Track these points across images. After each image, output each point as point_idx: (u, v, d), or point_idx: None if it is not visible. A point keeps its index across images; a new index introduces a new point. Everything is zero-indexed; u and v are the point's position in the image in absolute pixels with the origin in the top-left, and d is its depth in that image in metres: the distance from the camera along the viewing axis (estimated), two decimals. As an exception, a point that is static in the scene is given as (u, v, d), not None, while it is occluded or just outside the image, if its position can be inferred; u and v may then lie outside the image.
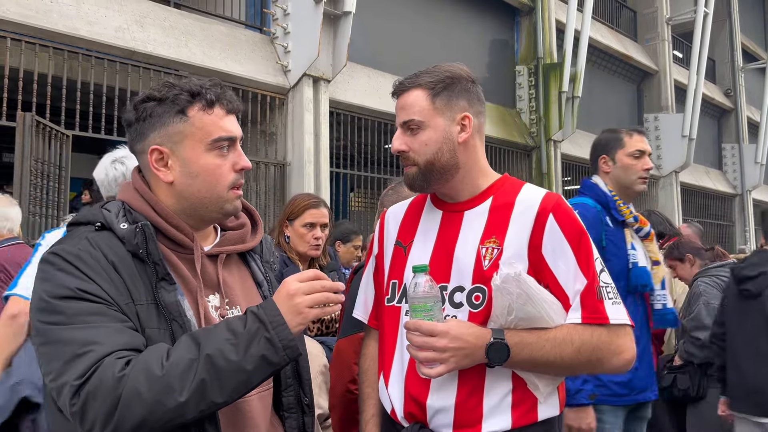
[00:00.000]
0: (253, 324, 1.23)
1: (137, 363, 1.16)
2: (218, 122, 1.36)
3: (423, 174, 1.57)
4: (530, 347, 1.43)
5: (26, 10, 5.38)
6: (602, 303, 1.47)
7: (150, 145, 1.36)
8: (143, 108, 1.36)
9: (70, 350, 1.17)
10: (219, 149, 1.36)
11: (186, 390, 1.16)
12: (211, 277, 1.40)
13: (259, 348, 1.21)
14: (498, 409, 1.47)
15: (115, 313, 1.22)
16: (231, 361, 1.19)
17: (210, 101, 1.36)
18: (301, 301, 1.26)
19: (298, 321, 1.26)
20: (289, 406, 1.48)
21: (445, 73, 1.58)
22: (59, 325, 1.19)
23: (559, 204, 1.53)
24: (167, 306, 1.27)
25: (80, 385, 1.14)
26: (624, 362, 1.49)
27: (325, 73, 7.52)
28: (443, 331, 1.39)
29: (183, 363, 1.17)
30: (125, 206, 1.36)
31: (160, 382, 1.15)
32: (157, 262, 1.29)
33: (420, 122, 1.56)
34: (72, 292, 1.21)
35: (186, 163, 1.35)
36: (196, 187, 1.36)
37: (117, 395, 1.13)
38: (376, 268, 1.77)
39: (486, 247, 1.51)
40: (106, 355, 1.16)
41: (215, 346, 1.19)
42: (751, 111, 18.66)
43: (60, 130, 5.54)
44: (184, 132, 1.34)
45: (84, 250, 1.27)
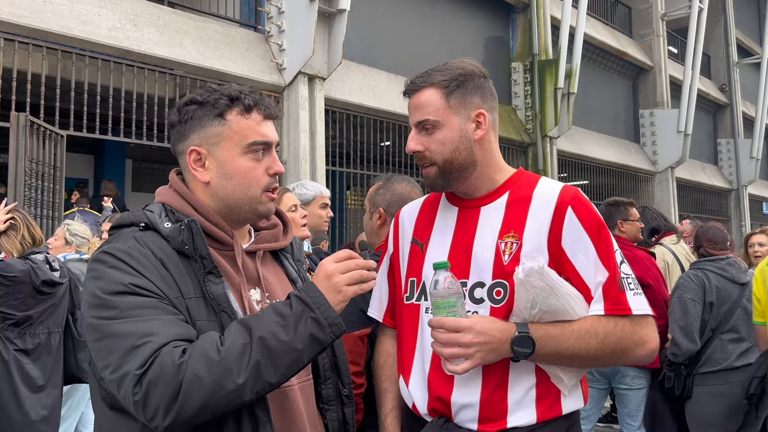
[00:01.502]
0: (299, 306, 1.28)
1: (194, 350, 1.21)
2: (255, 127, 1.42)
3: (442, 174, 1.56)
4: (555, 340, 1.43)
5: (19, 10, 5.36)
6: (624, 294, 1.47)
7: (189, 146, 1.42)
8: (186, 111, 1.43)
9: (127, 342, 1.21)
10: (254, 153, 1.41)
11: (243, 372, 1.20)
12: (251, 273, 1.46)
13: (307, 327, 1.26)
14: (522, 403, 1.47)
15: (166, 307, 1.27)
16: (282, 342, 1.24)
17: (248, 106, 1.41)
18: (339, 280, 1.33)
19: (339, 299, 1.32)
20: (328, 398, 1.53)
21: (458, 70, 1.57)
22: (114, 319, 1.24)
23: (577, 197, 1.53)
24: (216, 298, 1.32)
25: (142, 374, 1.18)
26: (648, 352, 1.49)
27: (320, 71, 7.51)
28: (468, 326, 1.39)
29: (238, 347, 1.22)
30: (166, 207, 1.42)
31: (218, 366, 1.19)
32: (205, 256, 1.34)
33: (435, 121, 1.54)
34: (126, 288, 1.26)
35: (222, 164, 1.41)
36: (231, 188, 1.41)
37: (178, 381, 1.17)
38: (390, 267, 1.77)
39: (505, 242, 1.50)
40: (163, 345, 1.20)
41: (266, 329, 1.24)
42: (746, 106, 18.70)
43: (54, 130, 5.52)
44: (221, 134, 1.41)
45: (134, 248, 1.32)
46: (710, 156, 17.73)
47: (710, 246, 3.71)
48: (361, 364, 1.97)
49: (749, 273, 3.57)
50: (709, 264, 3.61)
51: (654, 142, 14.36)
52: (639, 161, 13.97)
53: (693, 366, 3.50)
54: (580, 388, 1.55)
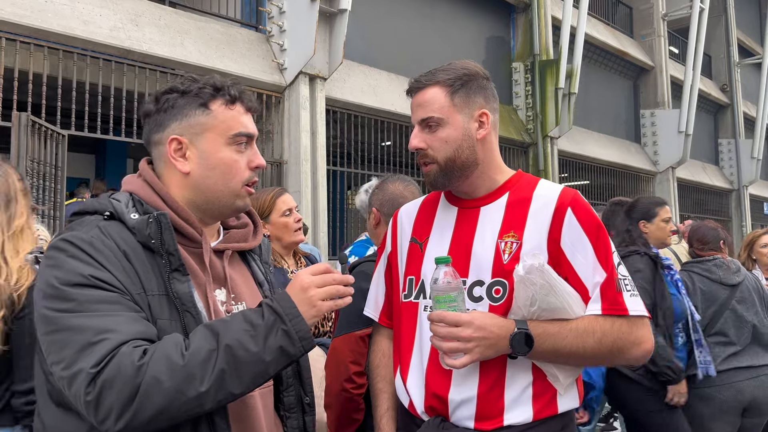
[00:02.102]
0: (270, 316, 1.23)
1: (156, 352, 1.15)
2: (239, 118, 1.39)
3: (444, 172, 1.57)
4: (553, 338, 1.44)
5: (21, 10, 5.37)
6: (621, 295, 1.49)
7: (170, 135, 1.36)
8: (165, 99, 1.38)
9: (83, 338, 1.14)
10: (237, 144, 1.38)
11: (207, 379, 1.15)
12: (218, 272, 1.41)
13: (276, 339, 1.21)
14: (519, 401, 1.48)
15: (128, 302, 1.21)
16: (250, 352, 1.19)
17: (233, 97, 1.38)
18: (315, 294, 1.28)
19: (312, 314, 1.27)
20: (290, 406, 1.48)
21: (462, 70, 1.58)
22: (71, 312, 1.17)
23: (577, 199, 1.54)
24: (181, 297, 1.27)
25: (97, 373, 1.12)
26: (644, 352, 1.51)
27: (321, 71, 7.51)
28: (468, 321, 1.40)
29: (203, 352, 1.17)
30: (134, 197, 1.35)
31: (181, 371, 1.14)
32: (172, 252, 1.28)
33: (440, 119, 1.55)
34: (85, 279, 1.19)
35: (205, 154, 1.36)
36: (213, 180, 1.37)
37: (136, 383, 1.12)
38: (388, 266, 1.77)
39: (505, 242, 1.52)
40: (122, 343, 1.14)
41: (234, 336, 1.19)
42: (747, 106, 18.69)
43: (56, 129, 5.53)
44: (206, 124, 1.36)
45: (96, 237, 1.25)
46: (711, 156, 17.72)
47: (699, 246, 3.67)
48: (363, 365, 1.98)
49: (741, 273, 3.54)
50: (696, 266, 3.57)
51: (655, 142, 14.36)
52: (640, 161, 13.97)
53: None
54: (575, 388, 1.56)
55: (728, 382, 3.29)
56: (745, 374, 3.32)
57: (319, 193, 7.47)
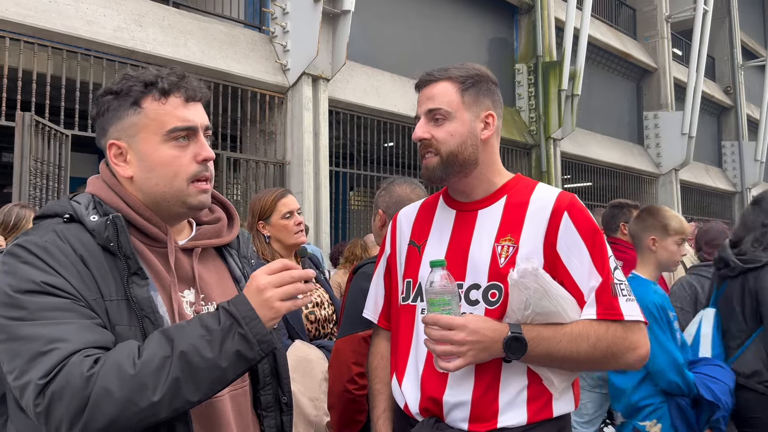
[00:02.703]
0: (227, 320, 1.18)
1: (107, 361, 1.11)
2: (173, 112, 1.30)
3: (444, 165, 1.57)
4: (547, 342, 1.44)
5: (25, 10, 5.38)
6: (617, 300, 1.48)
7: (108, 140, 1.32)
8: (102, 102, 1.33)
9: (33, 347, 1.11)
10: (175, 140, 1.30)
11: (160, 388, 1.11)
12: (185, 272, 1.35)
13: (233, 344, 1.17)
14: (513, 404, 1.48)
15: (82, 309, 1.17)
16: (206, 358, 1.15)
17: (163, 90, 1.29)
18: (272, 295, 1.22)
19: (270, 315, 1.21)
20: (267, 405, 1.44)
21: (474, 70, 1.60)
22: (22, 320, 1.13)
23: (574, 203, 1.54)
24: (139, 302, 1.22)
25: (45, 385, 1.09)
26: (638, 357, 1.51)
27: (324, 72, 7.52)
28: (461, 324, 1.40)
29: (156, 361, 1.12)
30: (95, 199, 1.31)
31: (132, 380, 1.10)
32: (129, 255, 1.23)
33: (447, 112, 1.56)
34: (37, 286, 1.15)
35: (142, 156, 1.30)
36: (154, 181, 1.30)
37: (86, 395, 1.08)
38: (387, 269, 1.78)
39: (501, 245, 1.52)
40: (73, 353, 1.11)
41: (189, 342, 1.15)
42: (751, 108, 18.66)
43: (59, 129, 5.54)
44: (138, 124, 1.29)
45: (51, 242, 1.21)
46: (714, 158, 17.70)
47: (709, 248, 3.65)
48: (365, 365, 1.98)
49: None
50: (705, 269, 3.54)
51: (658, 144, 14.34)
52: (643, 163, 13.95)
53: None
54: (571, 392, 1.56)
55: None
56: None
57: (322, 194, 7.48)
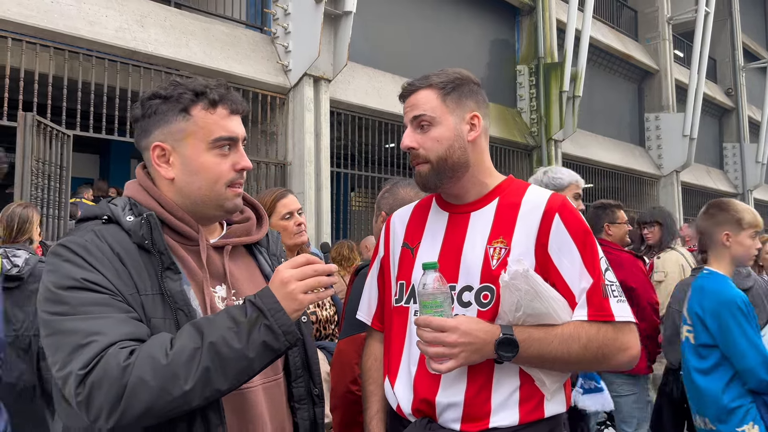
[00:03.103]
0: (253, 312, 1.25)
1: (141, 352, 1.19)
2: (220, 122, 1.39)
3: (436, 171, 1.58)
4: (538, 343, 1.45)
5: (27, 10, 5.39)
6: (608, 301, 1.49)
7: (153, 142, 1.39)
8: (149, 105, 1.40)
9: (74, 340, 1.19)
10: (219, 148, 1.39)
11: (191, 378, 1.18)
12: (217, 269, 1.43)
13: (260, 335, 1.23)
14: (506, 405, 1.49)
15: (119, 304, 1.25)
16: (234, 349, 1.21)
17: (213, 101, 1.38)
18: (295, 288, 1.28)
19: (294, 307, 1.28)
20: (300, 398, 1.51)
21: (454, 74, 1.62)
22: (64, 315, 1.22)
23: (565, 204, 1.55)
24: (173, 295, 1.30)
25: (85, 375, 1.17)
26: (629, 358, 1.51)
27: (325, 73, 7.52)
28: (453, 326, 1.41)
29: (187, 351, 1.20)
30: (131, 201, 1.40)
31: (165, 370, 1.17)
32: (162, 251, 1.31)
33: (432, 118, 1.57)
34: (77, 283, 1.24)
35: (187, 160, 1.38)
36: (196, 185, 1.39)
37: (123, 384, 1.16)
38: (381, 271, 1.79)
39: (494, 247, 1.53)
40: (110, 345, 1.19)
41: (218, 334, 1.22)
42: (752, 110, 18.65)
43: (61, 129, 5.54)
44: (186, 130, 1.38)
45: (90, 241, 1.29)
46: (716, 160, 17.69)
47: None
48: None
49: (752, 278, 3.54)
50: None
51: (659, 145, 14.34)
52: (644, 165, 13.95)
53: None
54: (563, 393, 1.57)
55: None
56: None
57: (323, 195, 7.48)
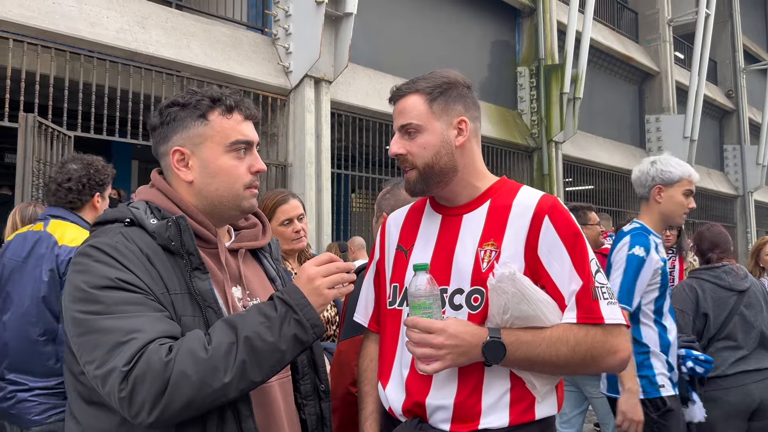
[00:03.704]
0: (282, 307, 1.33)
1: (181, 348, 1.24)
2: (236, 126, 1.46)
3: (422, 177, 1.60)
4: (526, 346, 1.45)
5: (28, 12, 5.39)
6: (597, 303, 1.48)
7: (173, 147, 1.46)
8: (168, 113, 1.46)
9: (113, 338, 1.23)
10: (236, 151, 1.46)
11: (230, 370, 1.24)
12: (233, 271, 1.50)
13: (290, 328, 1.31)
14: (496, 407, 1.49)
15: (152, 303, 1.30)
16: (267, 342, 1.29)
17: (229, 107, 1.46)
18: (321, 284, 1.38)
19: (320, 302, 1.37)
20: (306, 394, 1.57)
21: (442, 78, 1.62)
22: (100, 314, 1.25)
23: (555, 206, 1.54)
24: (202, 294, 1.35)
25: (129, 371, 1.20)
26: (619, 361, 1.51)
27: (326, 74, 7.53)
28: (440, 328, 1.42)
29: (224, 345, 1.26)
30: (150, 205, 1.44)
31: (206, 364, 1.23)
32: (192, 252, 1.37)
33: (418, 126, 1.59)
34: (112, 282, 1.28)
35: (205, 163, 1.45)
36: (215, 186, 1.45)
37: (166, 378, 1.20)
38: (376, 273, 1.80)
39: (484, 250, 1.54)
40: (149, 341, 1.23)
41: (251, 329, 1.28)
42: (753, 112, 18.65)
43: (62, 131, 5.55)
44: (204, 135, 1.45)
45: (120, 242, 1.35)
46: (716, 162, 17.68)
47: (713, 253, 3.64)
48: None
49: (749, 279, 3.54)
50: (705, 273, 3.56)
51: (660, 147, 14.32)
52: (644, 166, 13.93)
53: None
54: (554, 395, 1.56)
55: (736, 385, 3.33)
56: (753, 377, 3.34)
57: (324, 196, 7.48)
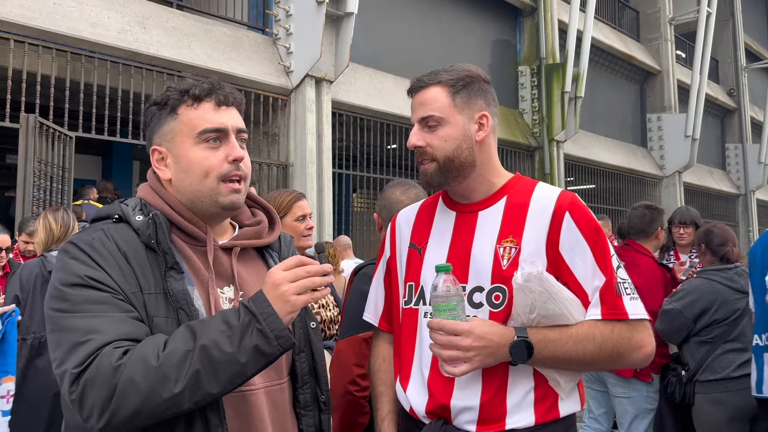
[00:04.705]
0: (246, 316, 1.23)
1: (134, 353, 1.19)
2: (204, 115, 1.39)
3: (441, 170, 1.56)
4: (553, 344, 1.44)
5: (29, 12, 5.40)
6: (621, 299, 1.48)
7: (151, 147, 1.44)
8: (148, 113, 1.45)
9: (72, 338, 1.20)
10: (206, 142, 1.38)
11: (181, 380, 1.17)
12: (225, 270, 1.43)
13: (252, 339, 1.21)
14: (521, 406, 1.48)
15: (120, 303, 1.25)
16: (225, 353, 1.20)
17: (196, 96, 1.40)
18: (287, 289, 1.26)
19: (287, 309, 1.25)
20: (305, 404, 1.48)
21: (465, 71, 1.59)
22: (66, 312, 1.23)
23: (575, 202, 1.53)
24: (175, 294, 1.30)
25: (79, 374, 1.17)
26: (644, 356, 1.51)
27: (327, 74, 7.53)
28: (467, 330, 1.40)
29: (179, 353, 1.19)
30: (142, 202, 1.42)
31: (155, 372, 1.17)
32: (166, 251, 1.32)
33: (440, 118, 1.55)
34: (81, 280, 1.25)
35: (178, 158, 1.40)
36: (188, 181, 1.40)
37: (113, 384, 1.16)
38: (387, 271, 1.77)
39: (504, 247, 1.51)
40: (106, 344, 1.19)
41: (210, 337, 1.21)
42: (755, 111, 18.62)
43: (63, 131, 5.56)
44: (174, 129, 1.40)
45: (97, 239, 1.31)
46: (718, 161, 17.66)
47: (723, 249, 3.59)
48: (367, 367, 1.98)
49: None
50: (716, 274, 3.53)
51: (661, 146, 14.31)
52: (646, 165, 13.93)
53: (694, 373, 3.49)
54: (577, 392, 1.56)
55: (742, 388, 3.31)
56: None
57: (325, 196, 7.48)
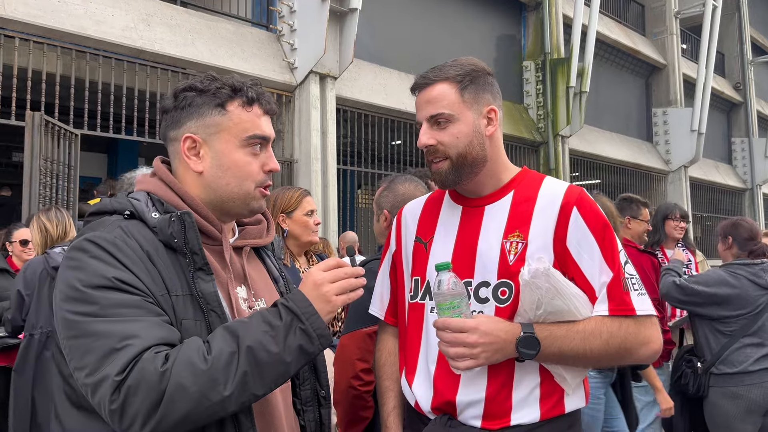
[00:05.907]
0: (288, 316, 1.23)
1: (179, 357, 1.14)
2: (255, 120, 1.37)
3: (455, 168, 1.54)
4: (560, 341, 1.43)
5: (34, 10, 5.41)
6: (628, 294, 1.47)
7: (185, 133, 1.35)
8: (183, 96, 1.37)
9: (106, 344, 1.13)
10: (252, 146, 1.36)
11: (230, 383, 1.15)
12: (237, 269, 1.40)
13: (296, 339, 1.21)
14: (527, 401, 1.48)
15: (151, 306, 1.20)
16: (271, 353, 1.19)
17: (250, 99, 1.37)
18: (329, 290, 1.28)
19: (327, 309, 1.27)
20: (306, 399, 1.48)
21: (470, 66, 1.57)
22: (93, 316, 1.15)
23: (583, 197, 1.52)
24: (206, 296, 1.26)
25: (122, 381, 1.10)
26: (652, 352, 1.50)
27: (331, 71, 7.52)
28: (473, 327, 1.39)
29: (225, 356, 1.16)
30: (152, 197, 1.34)
31: (205, 375, 1.13)
32: (197, 251, 1.27)
33: (450, 115, 1.53)
34: (109, 282, 1.17)
35: (218, 155, 1.35)
36: (225, 181, 1.35)
37: (161, 390, 1.11)
38: (393, 265, 1.76)
39: (510, 242, 1.50)
40: (145, 349, 1.13)
41: (254, 338, 1.18)
42: (761, 105, 18.52)
43: (69, 129, 5.57)
44: (221, 124, 1.35)
45: (120, 238, 1.24)
46: (724, 155, 17.57)
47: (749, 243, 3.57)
48: (371, 362, 1.98)
49: None
50: (741, 268, 3.52)
51: (667, 141, 14.26)
52: (652, 160, 13.88)
53: (710, 365, 3.49)
54: (582, 388, 1.56)
55: (759, 382, 3.34)
56: None
57: (330, 192, 7.49)
